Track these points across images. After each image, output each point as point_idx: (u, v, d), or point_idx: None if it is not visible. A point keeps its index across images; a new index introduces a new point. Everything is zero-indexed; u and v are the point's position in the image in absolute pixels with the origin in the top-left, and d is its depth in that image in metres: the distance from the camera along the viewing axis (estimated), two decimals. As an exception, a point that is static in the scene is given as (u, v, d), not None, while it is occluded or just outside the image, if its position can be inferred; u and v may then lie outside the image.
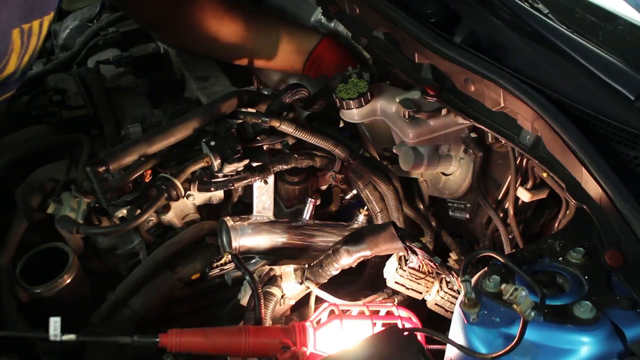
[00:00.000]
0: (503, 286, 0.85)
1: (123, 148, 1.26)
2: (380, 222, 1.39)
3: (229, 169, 1.31)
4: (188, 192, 1.34)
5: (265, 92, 1.54)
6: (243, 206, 1.46)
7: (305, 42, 1.62)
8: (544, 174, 1.10)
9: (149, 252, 1.40)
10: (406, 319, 1.18)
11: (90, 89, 1.77)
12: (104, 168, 1.23)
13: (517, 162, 1.22)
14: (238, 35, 1.62)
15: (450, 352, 0.98)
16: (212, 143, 1.30)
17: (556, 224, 1.22)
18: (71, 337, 0.96)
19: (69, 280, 1.31)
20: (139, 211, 1.26)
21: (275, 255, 1.32)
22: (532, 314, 0.83)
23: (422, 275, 1.24)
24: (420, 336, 1.12)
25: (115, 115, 1.73)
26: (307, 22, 1.75)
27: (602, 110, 1.00)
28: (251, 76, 1.65)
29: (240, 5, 1.66)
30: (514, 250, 1.24)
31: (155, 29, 1.74)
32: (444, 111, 1.25)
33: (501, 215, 1.28)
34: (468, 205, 1.39)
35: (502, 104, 1.08)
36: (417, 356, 0.92)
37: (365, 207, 1.41)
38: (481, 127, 1.16)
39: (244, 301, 1.28)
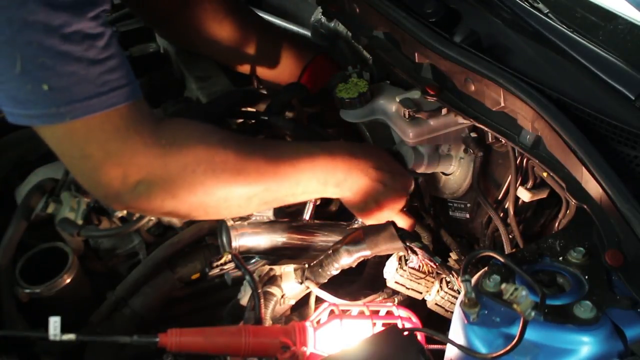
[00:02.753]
0: (503, 286, 0.85)
1: None
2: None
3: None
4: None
5: (265, 92, 1.54)
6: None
7: (300, 56, 1.62)
8: (544, 174, 1.10)
9: (149, 252, 1.40)
10: (406, 319, 1.18)
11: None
12: None
13: (517, 161, 1.22)
14: (236, 40, 1.62)
15: (450, 352, 0.97)
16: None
17: (556, 224, 1.22)
18: (71, 336, 0.96)
19: (68, 280, 1.31)
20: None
21: (275, 255, 1.31)
22: (532, 313, 0.83)
23: (422, 275, 1.24)
24: (420, 336, 1.12)
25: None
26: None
27: (603, 110, 1.00)
28: (251, 76, 1.65)
29: (241, 12, 1.66)
30: (514, 250, 1.24)
31: (157, 26, 1.74)
32: (444, 111, 1.24)
33: (501, 215, 1.27)
34: (468, 205, 1.38)
35: (502, 104, 1.07)
36: (417, 356, 0.92)
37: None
38: (481, 126, 1.16)
39: (244, 301, 1.28)
